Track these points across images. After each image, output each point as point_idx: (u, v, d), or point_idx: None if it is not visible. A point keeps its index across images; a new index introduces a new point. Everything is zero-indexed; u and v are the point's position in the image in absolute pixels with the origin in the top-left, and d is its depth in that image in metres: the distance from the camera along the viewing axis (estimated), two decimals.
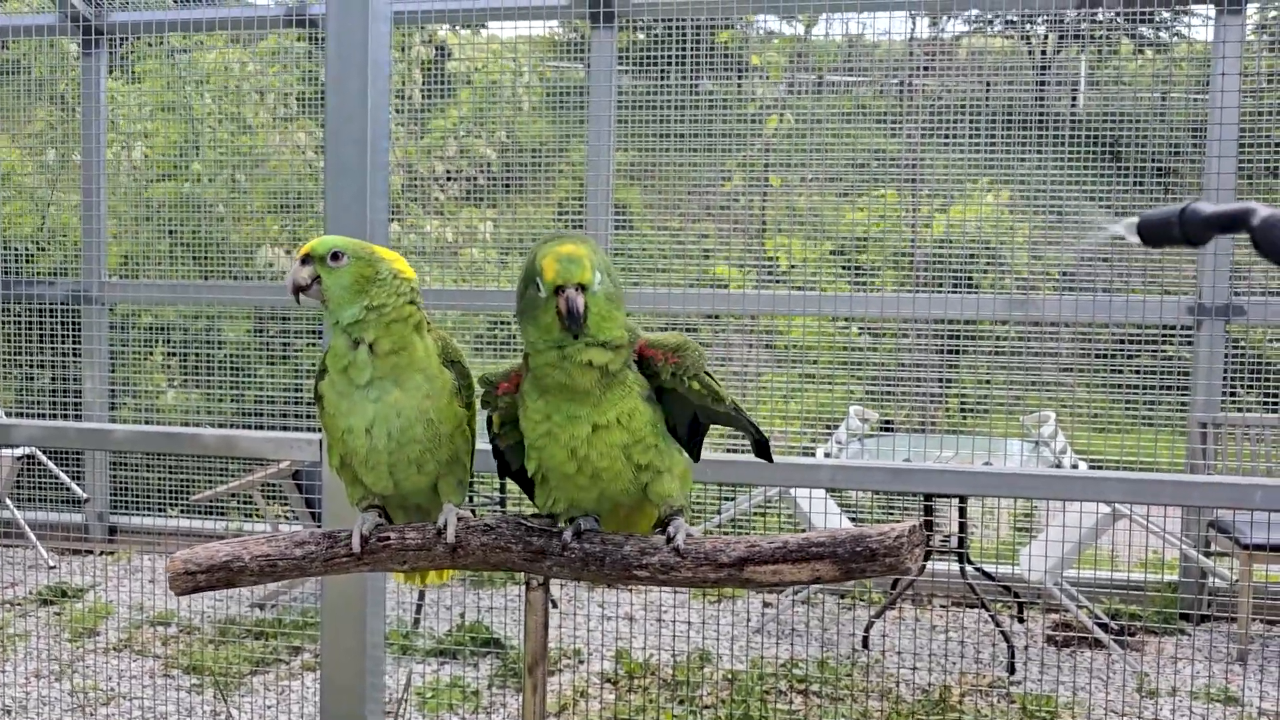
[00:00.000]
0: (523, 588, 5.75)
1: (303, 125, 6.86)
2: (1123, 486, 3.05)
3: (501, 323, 7.59)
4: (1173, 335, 5.78)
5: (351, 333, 1.79)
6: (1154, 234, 1.41)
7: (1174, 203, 1.39)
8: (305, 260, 1.80)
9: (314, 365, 6.96)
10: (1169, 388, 5.79)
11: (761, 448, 1.98)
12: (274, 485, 5.48)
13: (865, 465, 2.85)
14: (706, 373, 1.81)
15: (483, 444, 2.12)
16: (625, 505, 1.86)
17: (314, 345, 6.85)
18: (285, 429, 6.39)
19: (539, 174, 7.47)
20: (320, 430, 3.01)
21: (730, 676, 4.64)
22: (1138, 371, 5.92)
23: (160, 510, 6.52)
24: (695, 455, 1.95)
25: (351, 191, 3.09)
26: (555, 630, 5.10)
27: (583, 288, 1.67)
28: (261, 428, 6.41)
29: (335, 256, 1.79)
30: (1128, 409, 5.93)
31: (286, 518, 5.96)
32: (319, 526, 5.30)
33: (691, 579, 1.69)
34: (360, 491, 1.94)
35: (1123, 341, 6.16)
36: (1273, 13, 6.64)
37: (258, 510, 5.71)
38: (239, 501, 6.33)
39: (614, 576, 1.75)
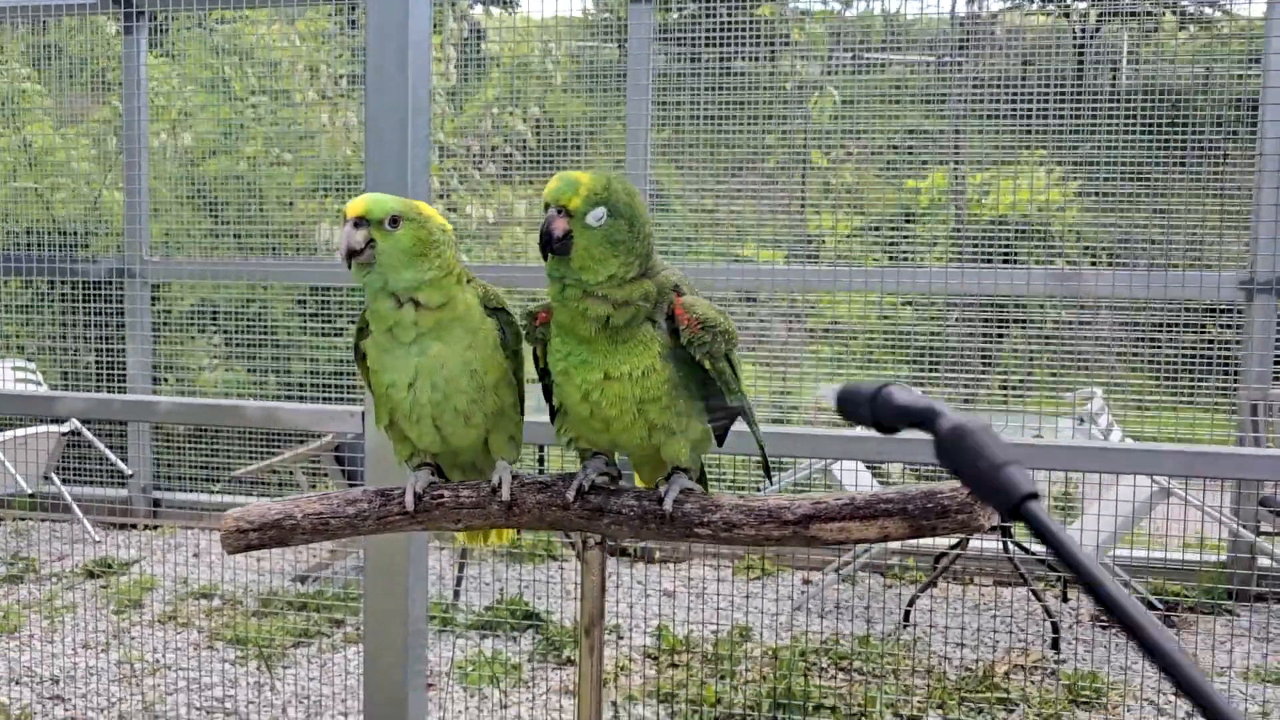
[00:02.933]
0: (560, 563, 5.74)
1: (349, 105, 6.86)
2: (1177, 460, 2.99)
3: (532, 300, 7.58)
4: (1221, 311, 5.67)
5: (403, 294, 1.77)
6: (849, 408, 1.24)
7: (880, 379, 1.21)
8: (359, 223, 1.74)
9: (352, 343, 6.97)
10: (1213, 363, 5.69)
11: (765, 466, 1.96)
12: (316, 461, 5.51)
13: (916, 438, 2.80)
14: (728, 359, 1.76)
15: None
16: (640, 451, 1.84)
17: (354, 323, 6.88)
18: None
19: (574, 153, 7.45)
20: (364, 396, 3.03)
21: (772, 652, 4.61)
22: (1185, 349, 5.82)
23: (203, 486, 6.58)
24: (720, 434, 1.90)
25: (392, 167, 3.08)
26: None
27: (568, 213, 1.64)
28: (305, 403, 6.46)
29: (394, 221, 1.74)
30: (1174, 386, 5.82)
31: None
32: None
33: (755, 536, 1.66)
34: (408, 449, 1.91)
35: (1167, 321, 6.04)
36: None
37: (299, 486, 5.75)
38: (279, 478, 6.38)
39: (674, 535, 1.72)
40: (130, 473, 6.34)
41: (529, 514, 1.79)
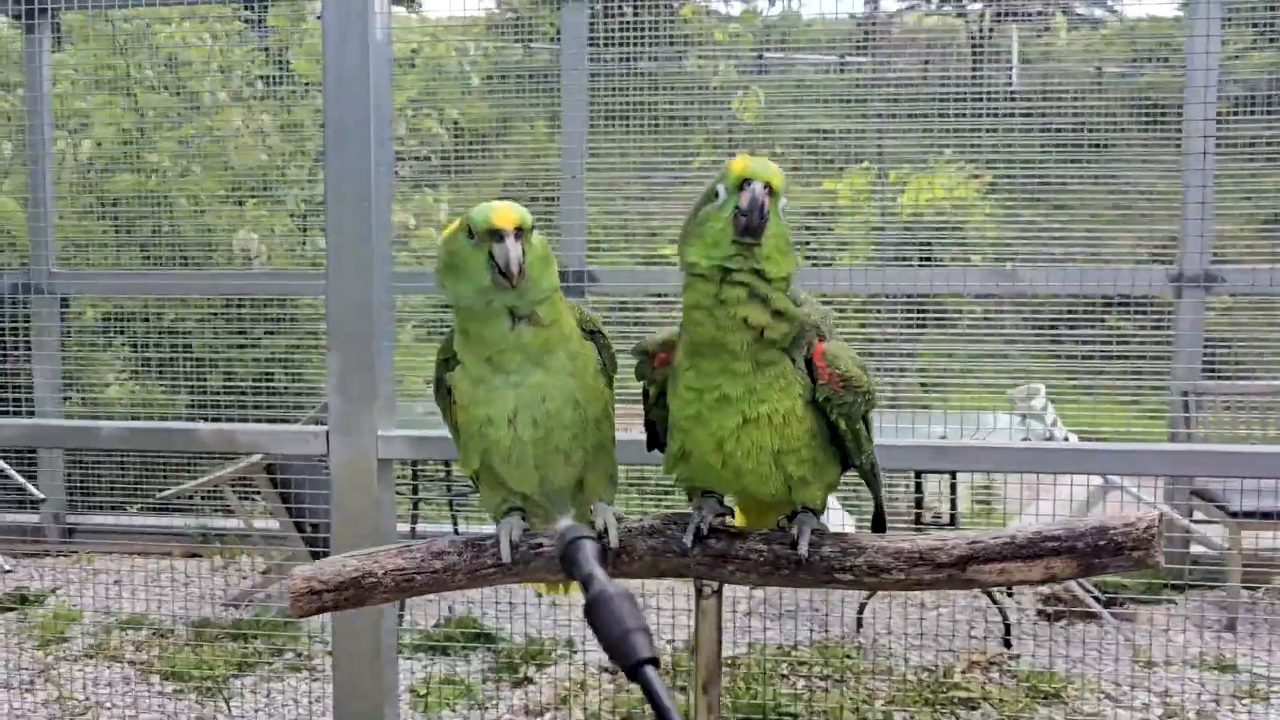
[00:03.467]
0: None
1: (264, 108, 6.57)
2: (1115, 458, 3.00)
3: (446, 307, 7.42)
4: (1153, 305, 5.81)
5: (525, 309, 1.61)
6: (559, 542, 1.40)
7: (584, 531, 1.40)
8: (518, 234, 1.57)
9: (272, 354, 6.60)
10: (1146, 357, 5.84)
11: (878, 521, 1.85)
12: (247, 481, 5.26)
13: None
14: (864, 419, 1.65)
15: None
16: (766, 503, 1.72)
17: (273, 334, 6.61)
18: (247, 420, 6.14)
19: (485, 157, 7.33)
20: (296, 402, 2.85)
21: (730, 662, 4.56)
22: (1119, 344, 5.95)
23: (118, 508, 6.22)
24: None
25: (354, 168, 2.94)
26: (546, 620, 4.97)
27: (771, 191, 1.50)
28: (220, 420, 6.16)
29: (532, 228, 1.61)
30: (1110, 381, 5.95)
31: (261, 513, 5.74)
32: (296, 525, 5.11)
33: (904, 581, 1.56)
34: (500, 495, 1.76)
35: (1101, 317, 6.18)
36: None
37: (229, 506, 5.49)
38: (201, 497, 6.08)
39: (810, 581, 1.61)
40: (43, 497, 5.96)
41: (640, 561, 1.65)
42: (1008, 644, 4.76)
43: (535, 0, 7.90)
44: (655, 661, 1.14)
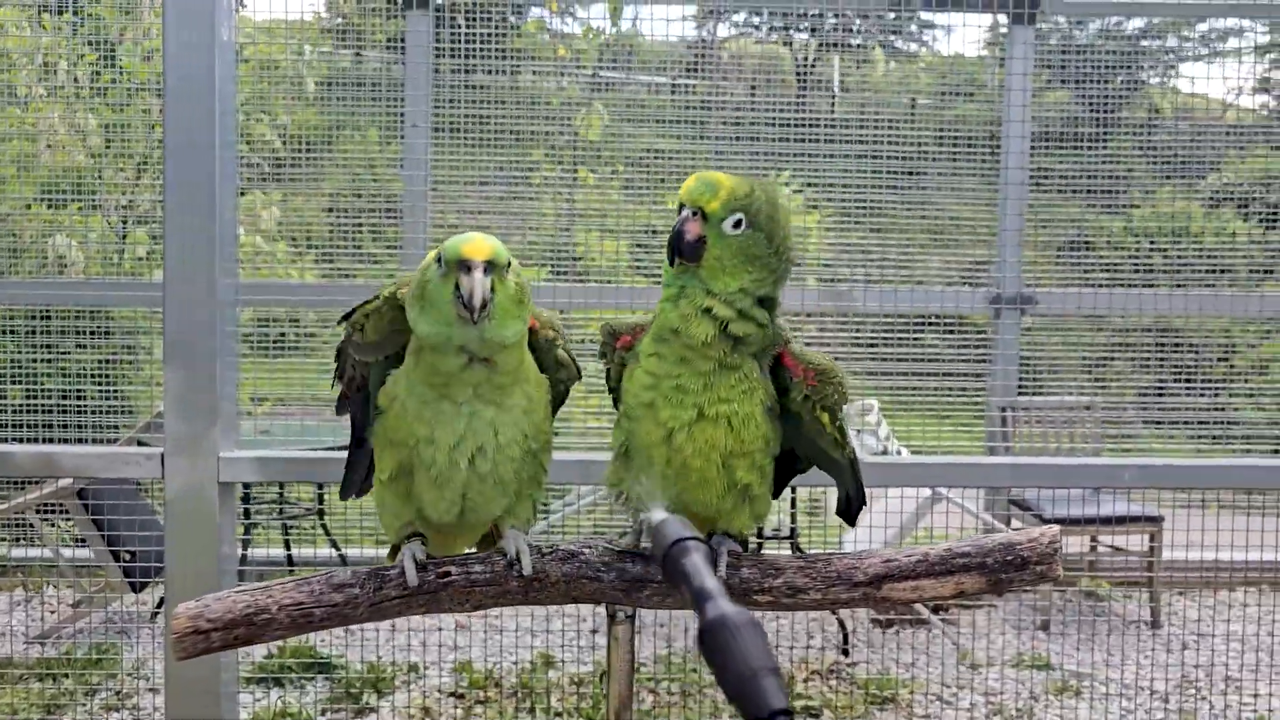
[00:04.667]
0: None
1: (84, 106, 6.12)
2: (993, 471, 3.21)
3: (270, 319, 7.15)
4: (964, 324, 6.14)
5: (482, 352, 1.53)
6: (659, 537, 1.25)
7: (689, 533, 1.23)
8: (488, 269, 1.48)
9: (83, 369, 6.10)
10: (967, 375, 6.15)
11: (848, 507, 1.81)
12: (55, 507, 4.88)
13: None
14: (842, 411, 1.67)
15: None
16: (698, 517, 1.68)
17: (85, 348, 6.17)
18: (54, 441, 5.70)
19: (316, 164, 7.11)
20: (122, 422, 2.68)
21: (577, 680, 4.53)
22: (945, 361, 6.25)
23: None
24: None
25: (199, 172, 2.79)
26: (386, 645, 4.82)
27: (703, 216, 1.53)
28: (21, 441, 5.70)
29: (509, 265, 1.52)
30: (934, 397, 6.24)
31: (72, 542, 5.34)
32: (113, 553, 4.77)
33: (821, 600, 1.58)
34: (407, 515, 1.66)
35: (915, 335, 6.47)
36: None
37: (34, 535, 5.07)
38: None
39: None
40: None
41: (554, 588, 1.60)
42: (845, 652, 4.91)
43: (367, 8, 7.71)
44: (789, 713, 0.95)
